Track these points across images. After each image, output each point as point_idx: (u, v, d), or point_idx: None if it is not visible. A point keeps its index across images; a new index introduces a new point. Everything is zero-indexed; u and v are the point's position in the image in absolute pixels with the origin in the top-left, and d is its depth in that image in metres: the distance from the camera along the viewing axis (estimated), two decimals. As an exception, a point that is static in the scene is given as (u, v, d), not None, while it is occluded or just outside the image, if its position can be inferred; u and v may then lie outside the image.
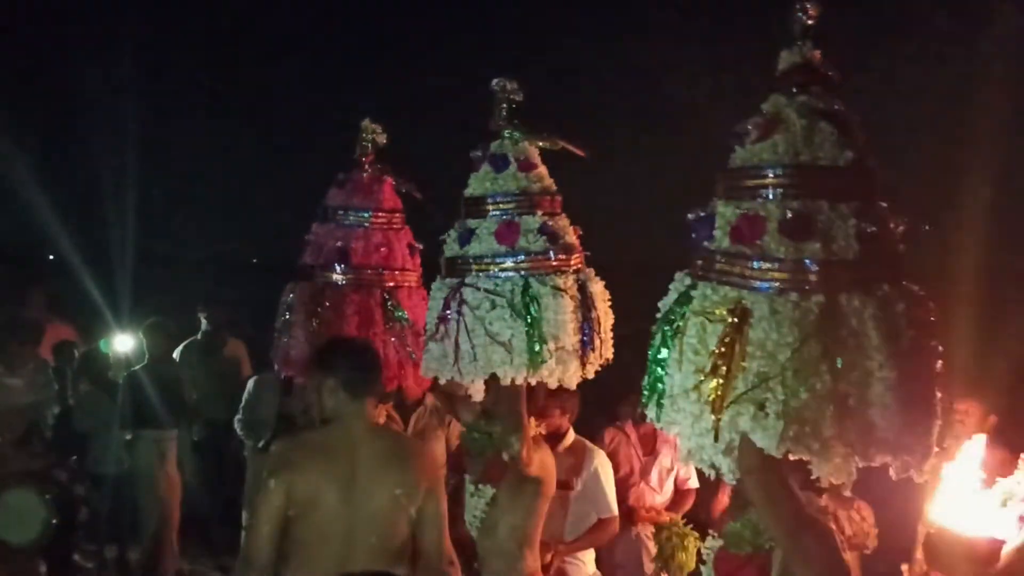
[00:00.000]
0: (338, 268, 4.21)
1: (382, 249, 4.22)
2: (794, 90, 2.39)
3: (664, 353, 2.38)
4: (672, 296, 2.42)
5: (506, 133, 3.61)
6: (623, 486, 4.60)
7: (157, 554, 6.23)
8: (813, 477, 2.24)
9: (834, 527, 2.63)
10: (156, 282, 11.30)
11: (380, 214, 4.27)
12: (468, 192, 3.61)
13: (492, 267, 3.43)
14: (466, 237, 3.53)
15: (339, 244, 4.23)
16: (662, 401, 2.38)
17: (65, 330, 7.28)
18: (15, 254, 14.75)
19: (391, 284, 4.20)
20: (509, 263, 3.42)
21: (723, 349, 2.22)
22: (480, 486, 3.56)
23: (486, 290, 3.39)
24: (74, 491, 5.79)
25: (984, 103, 7.94)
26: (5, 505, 4.78)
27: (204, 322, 7.05)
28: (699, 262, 2.40)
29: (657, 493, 4.88)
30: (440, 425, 4.80)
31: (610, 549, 4.57)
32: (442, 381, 3.69)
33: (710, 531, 2.82)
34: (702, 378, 2.25)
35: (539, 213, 3.50)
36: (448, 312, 3.45)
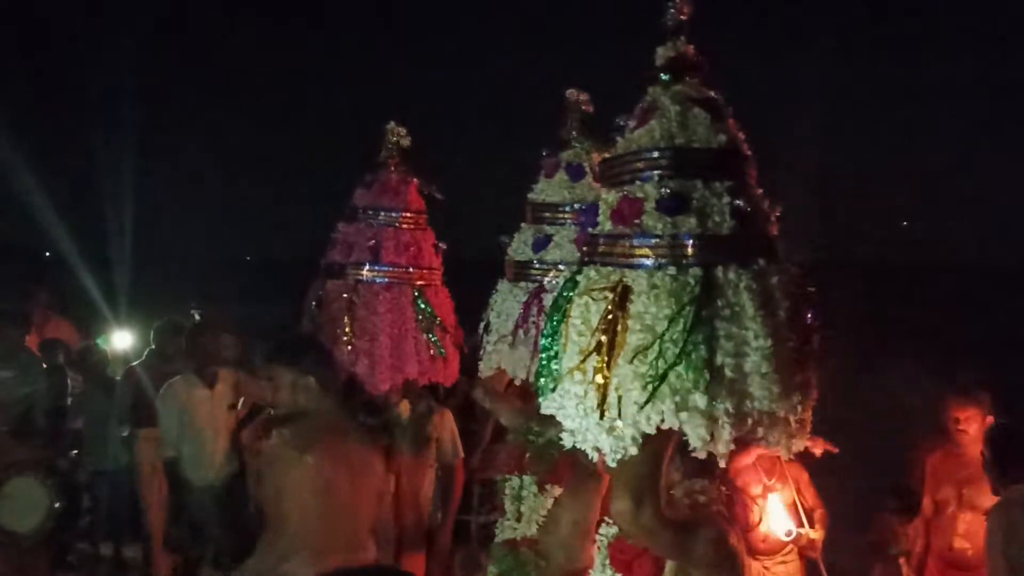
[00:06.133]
0: (371, 266, 4.28)
1: (411, 248, 4.31)
2: (666, 78, 2.45)
3: (553, 340, 2.41)
4: (560, 282, 2.46)
5: (576, 143, 3.66)
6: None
7: (154, 552, 6.23)
8: (691, 449, 2.23)
9: (719, 509, 2.68)
10: (153, 279, 11.30)
11: (408, 214, 4.37)
12: (540, 197, 3.65)
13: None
14: (542, 242, 3.57)
15: (371, 242, 4.30)
16: (552, 388, 2.40)
17: (65, 326, 7.30)
18: (15, 251, 14.75)
19: (420, 282, 4.29)
20: None
21: (605, 325, 2.25)
22: (548, 487, 3.58)
23: None
24: (77, 478, 5.78)
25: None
26: (8, 493, 4.78)
27: (197, 320, 7.05)
28: (585, 248, 2.46)
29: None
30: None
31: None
32: (517, 382, 3.71)
33: (604, 518, 2.85)
34: (586, 357, 2.28)
35: None
36: (529, 316, 3.48)
